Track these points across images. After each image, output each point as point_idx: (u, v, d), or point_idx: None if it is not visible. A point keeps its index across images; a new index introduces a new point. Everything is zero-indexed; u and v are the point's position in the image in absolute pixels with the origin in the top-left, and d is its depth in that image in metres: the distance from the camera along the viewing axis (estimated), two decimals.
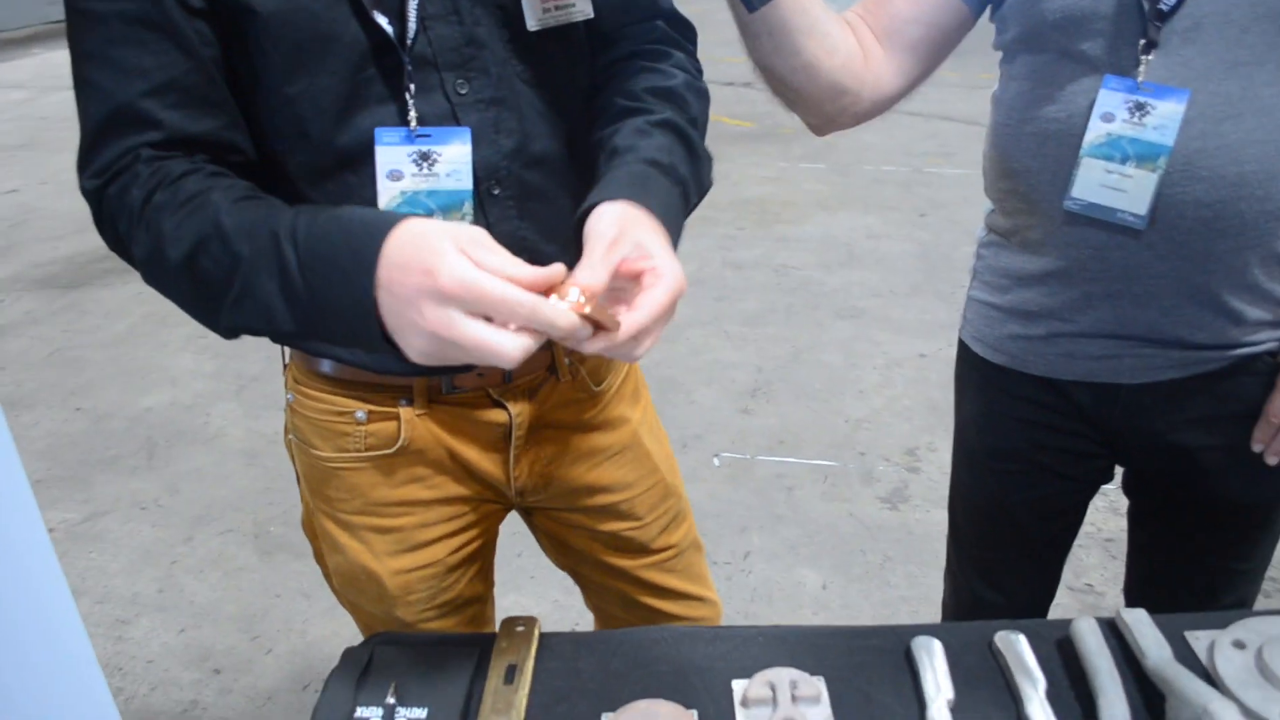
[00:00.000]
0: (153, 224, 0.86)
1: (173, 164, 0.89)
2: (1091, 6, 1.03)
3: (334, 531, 1.15)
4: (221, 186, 0.88)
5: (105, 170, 0.89)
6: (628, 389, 1.24)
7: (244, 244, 0.82)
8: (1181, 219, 1.02)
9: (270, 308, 0.82)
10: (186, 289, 0.88)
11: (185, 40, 0.88)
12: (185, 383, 3.58)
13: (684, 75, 1.06)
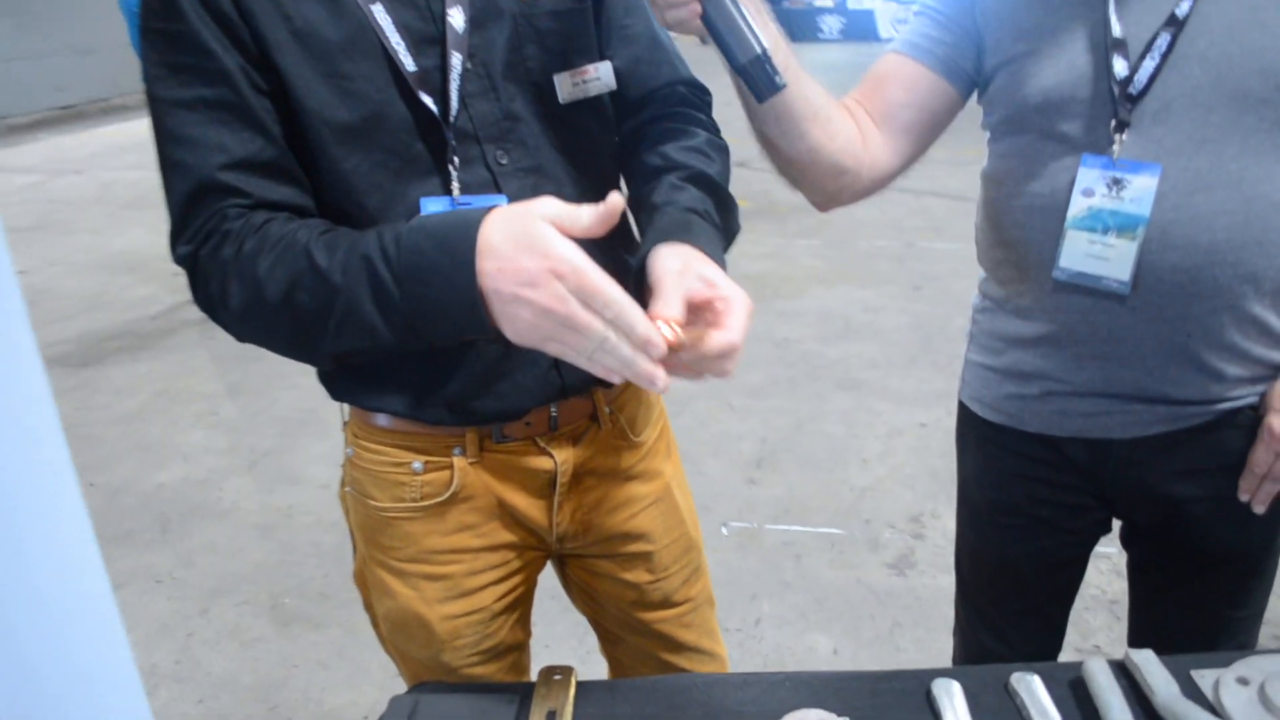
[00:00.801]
0: (247, 271, 0.94)
1: (255, 216, 0.97)
2: (1069, 91, 1.13)
3: (386, 579, 1.21)
4: (305, 226, 0.96)
5: (195, 235, 0.98)
6: (662, 444, 1.31)
7: (337, 273, 0.90)
8: (1161, 284, 1.11)
9: (371, 326, 0.90)
10: (287, 326, 0.95)
11: (258, 119, 0.98)
12: (198, 458, 3.64)
13: (705, 134, 1.16)
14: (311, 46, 0.98)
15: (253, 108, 0.97)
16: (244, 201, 0.98)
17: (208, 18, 0.95)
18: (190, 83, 0.96)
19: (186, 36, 0.96)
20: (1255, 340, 1.15)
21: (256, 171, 0.98)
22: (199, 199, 0.97)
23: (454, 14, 1.01)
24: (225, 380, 4.33)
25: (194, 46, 0.96)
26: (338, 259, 0.91)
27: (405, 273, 0.88)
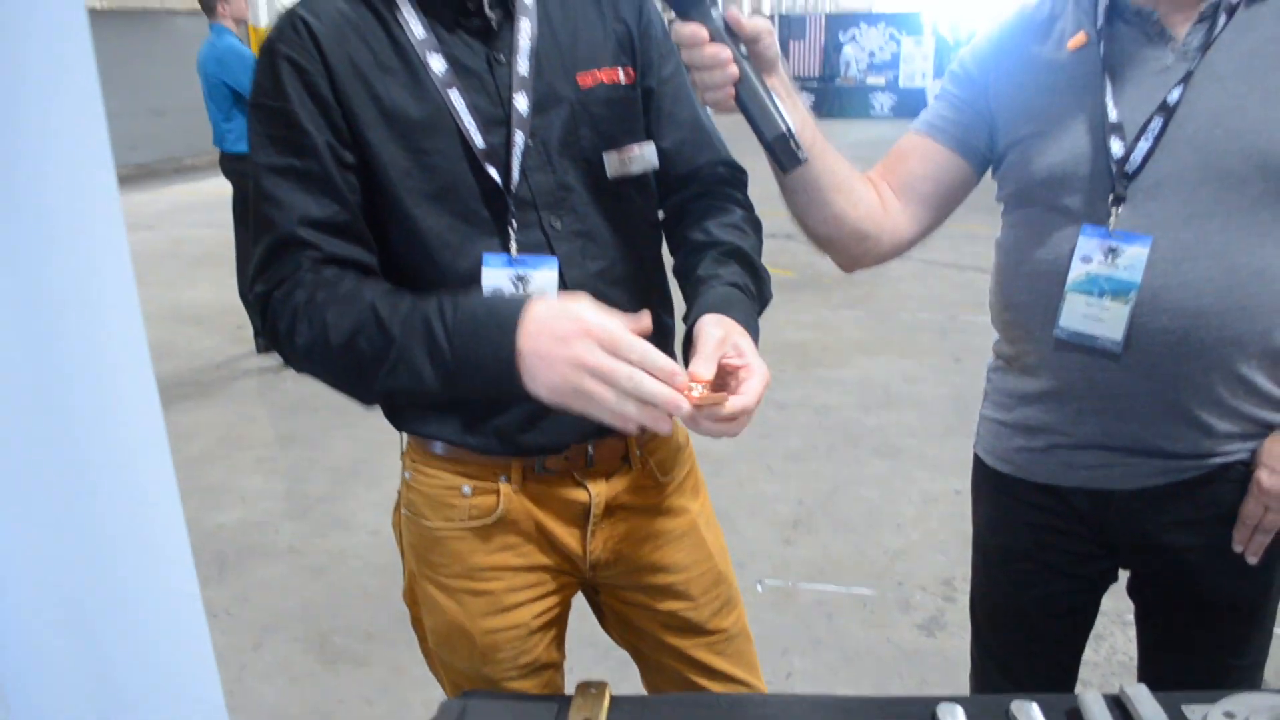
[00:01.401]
0: (316, 317, 1.11)
1: (327, 271, 1.14)
2: (1071, 168, 1.25)
3: (434, 594, 1.33)
4: (370, 284, 1.13)
5: (271, 279, 1.15)
6: (689, 484, 1.43)
7: (396, 326, 1.07)
8: (1152, 345, 1.21)
9: (420, 374, 1.06)
10: (343, 366, 1.12)
11: (338, 189, 1.15)
12: (255, 501, 3.80)
13: (742, 211, 1.31)
14: (397, 124, 1.15)
15: (334, 178, 1.15)
16: (316, 254, 1.14)
17: (308, 100, 1.13)
18: (285, 152, 1.15)
19: (287, 114, 1.14)
20: (1243, 399, 1.24)
21: (330, 231, 1.15)
22: (279, 249, 1.15)
23: (519, 99, 1.18)
24: (282, 429, 4.51)
25: (292, 123, 1.14)
26: (399, 316, 1.08)
27: (457, 331, 1.04)
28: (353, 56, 1.15)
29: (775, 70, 1.14)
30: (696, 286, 1.21)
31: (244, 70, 5.04)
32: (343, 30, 1.15)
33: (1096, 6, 1.28)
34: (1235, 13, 1.21)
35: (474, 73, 1.18)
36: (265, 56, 1.16)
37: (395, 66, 1.16)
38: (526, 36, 1.20)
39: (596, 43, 1.25)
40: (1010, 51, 1.34)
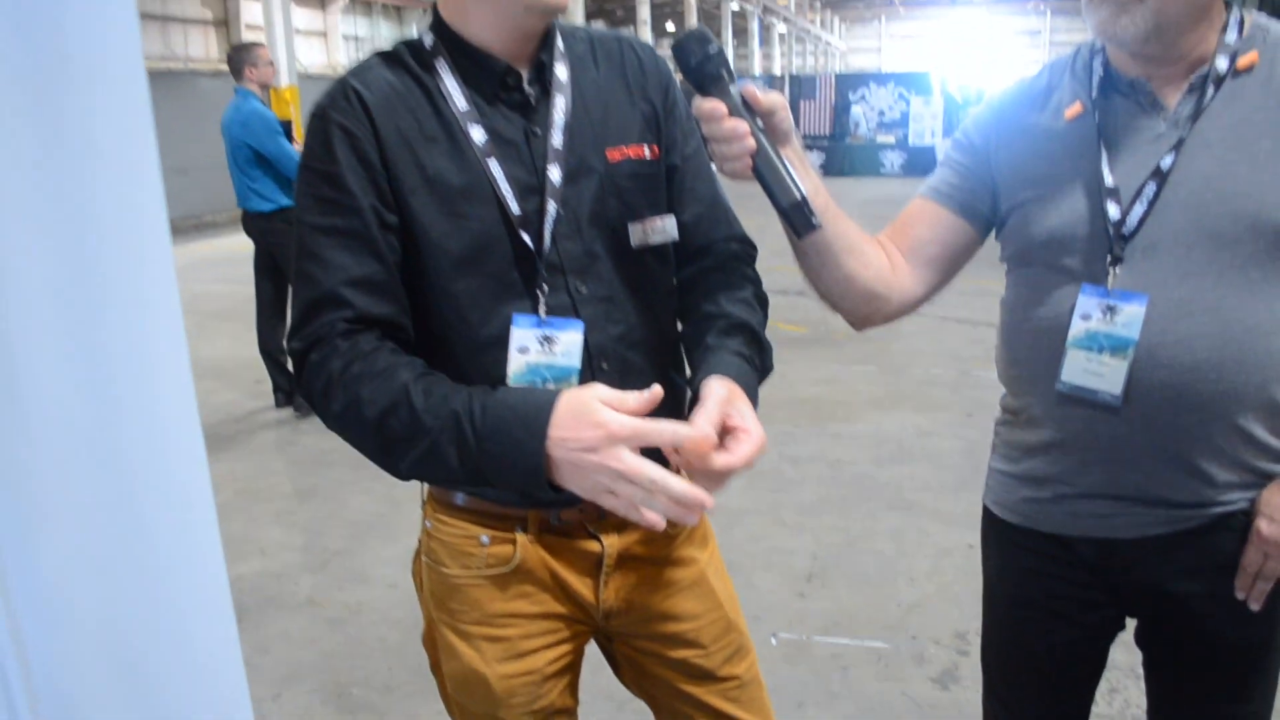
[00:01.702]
0: (350, 388, 1.17)
1: (363, 340, 1.21)
2: (1070, 231, 1.32)
3: (453, 640, 1.38)
4: (404, 363, 1.19)
5: (309, 337, 1.22)
6: (696, 535, 1.48)
7: (428, 416, 1.13)
8: (1151, 398, 1.27)
9: (448, 465, 1.13)
10: (374, 442, 1.18)
11: (378, 248, 1.23)
12: (274, 554, 3.85)
13: (752, 286, 1.39)
14: (439, 190, 1.23)
15: (376, 239, 1.22)
16: (350, 314, 1.21)
17: (356, 164, 1.21)
18: (329, 213, 1.22)
19: (335, 177, 1.22)
20: (1241, 449, 1.29)
21: (368, 290, 1.22)
22: (319, 305, 1.22)
23: (553, 170, 1.26)
24: (301, 483, 4.57)
25: (339, 186, 1.22)
26: (432, 404, 1.14)
27: (486, 434, 1.11)
28: (399, 125, 1.23)
29: (789, 141, 1.22)
30: (704, 353, 1.29)
31: (267, 133, 5.20)
32: (391, 100, 1.24)
33: (1092, 78, 1.36)
34: (1223, 84, 1.28)
35: (512, 144, 1.27)
36: (317, 122, 1.24)
37: (439, 135, 1.24)
38: (561, 112, 1.28)
39: (625, 121, 1.33)
40: (1011, 121, 1.41)
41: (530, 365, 1.27)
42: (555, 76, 1.30)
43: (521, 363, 1.26)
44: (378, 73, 1.27)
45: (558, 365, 1.27)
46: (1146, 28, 1.23)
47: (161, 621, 0.94)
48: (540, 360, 1.27)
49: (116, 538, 1.15)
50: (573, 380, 1.28)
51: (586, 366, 1.28)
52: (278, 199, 5.30)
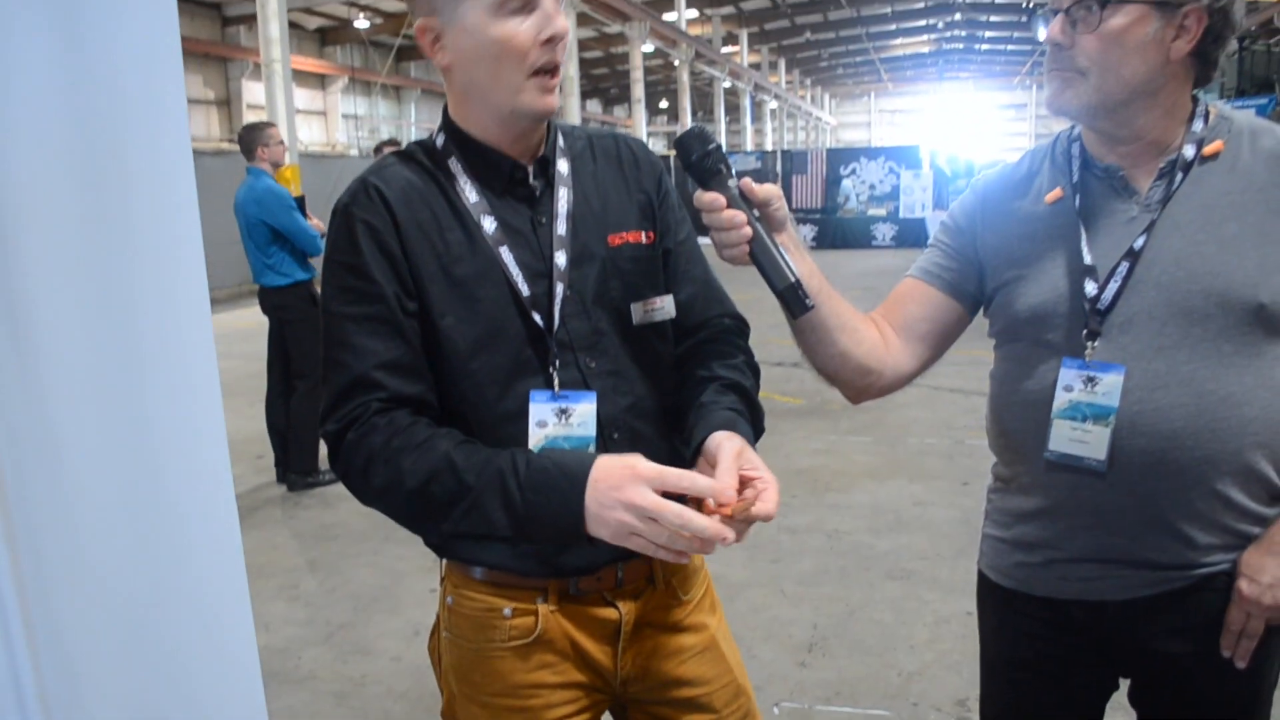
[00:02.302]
0: (393, 462, 1.25)
1: (399, 416, 1.29)
2: (1052, 307, 1.41)
3: (476, 713, 1.43)
4: (442, 434, 1.28)
5: (344, 418, 1.29)
6: (706, 602, 1.54)
7: (472, 476, 1.22)
8: (1133, 464, 1.34)
9: (493, 521, 1.22)
10: (417, 508, 1.27)
11: (403, 332, 1.32)
12: (278, 628, 3.86)
13: (743, 356, 1.49)
14: (455, 277, 1.33)
15: (401, 324, 1.32)
16: (384, 395, 1.30)
17: (379, 255, 1.31)
18: (357, 302, 1.32)
19: (360, 268, 1.31)
20: (1221, 513, 1.36)
21: (397, 372, 1.31)
22: (352, 390, 1.30)
23: (559, 256, 1.36)
24: (304, 556, 4.60)
25: (364, 275, 1.31)
26: (474, 464, 1.23)
27: (529, 485, 1.21)
28: (417, 217, 1.33)
29: (785, 228, 1.31)
30: (700, 410, 1.37)
31: (282, 209, 5.32)
32: (409, 195, 1.34)
33: (1070, 165, 1.46)
34: (1190, 170, 1.38)
35: (520, 232, 1.37)
36: (340, 218, 1.34)
37: (453, 226, 1.34)
38: (564, 202, 1.39)
39: (623, 209, 1.44)
40: (995, 205, 1.51)
41: (549, 438, 1.35)
42: (557, 170, 1.41)
43: (540, 436, 1.34)
44: (395, 170, 1.37)
45: (574, 436, 1.35)
46: (1090, 102, 1.35)
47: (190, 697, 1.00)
48: (558, 433, 1.35)
49: (150, 622, 1.21)
50: (590, 449, 1.36)
51: (599, 436, 1.36)
52: (294, 273, 5.41)
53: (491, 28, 1.27)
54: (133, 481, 1.29)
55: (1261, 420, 1.33)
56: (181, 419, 1.36)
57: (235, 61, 25.72)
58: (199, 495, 1.39)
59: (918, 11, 39.51)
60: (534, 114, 1.33)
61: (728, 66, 32.36)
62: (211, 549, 1.37)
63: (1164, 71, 1.34)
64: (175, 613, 1.32)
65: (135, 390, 1.29)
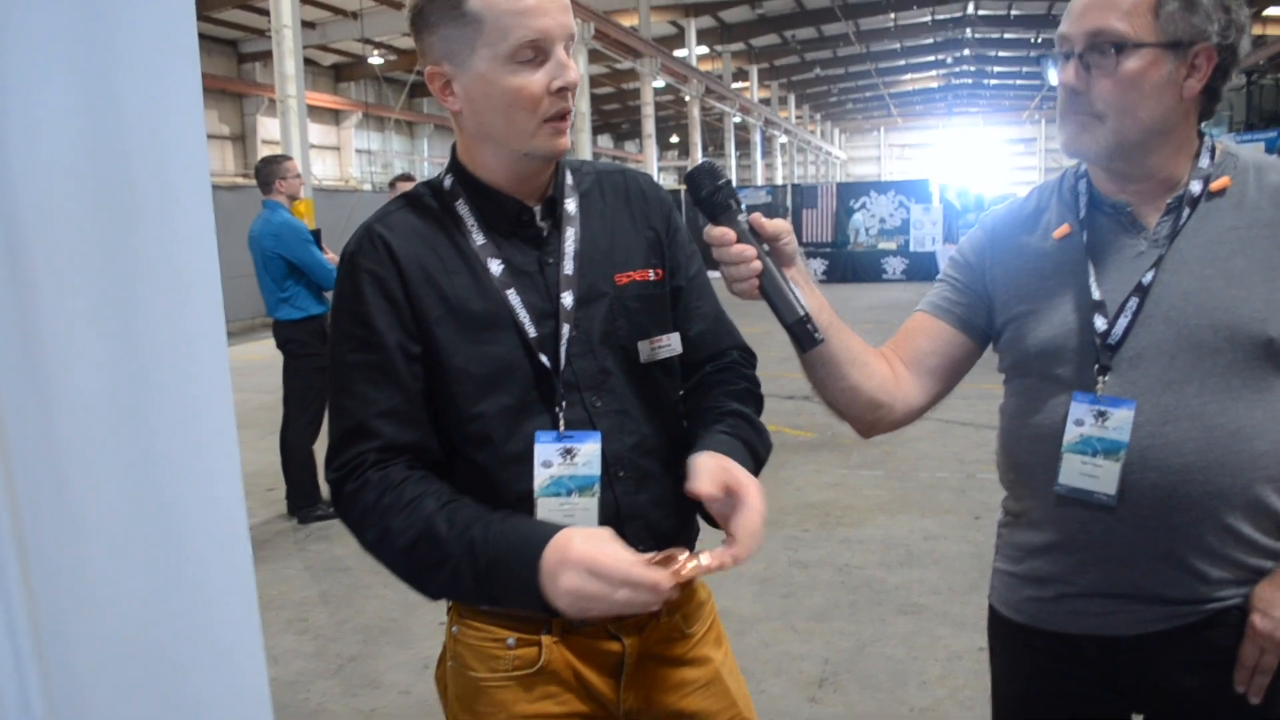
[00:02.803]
0: (382, 520, 1.28)
1: (394, 471, 1.31)
2: (1062, 342, 1.41)
3: None
4: (431, 492, 1.30)
5: (343, 467, 1.33)
6: (710, 636, 1.54)
7: (451, 544, 1.25)
8: (1143, 498, 1.34)
9: (466, 590, 1.27)
10: (405, 568, 1.31)
11: (402, 380, 1.34)
12: (287, 661, 3.85)
13: (746, 384, 1.51)
14: (462, 319, 1.35)
15: (400, 372, 1.34)
16: (380, 444, 1.32)
17: (382, 302, 1.34)
18: (359, 349, 1.35)
19: (363, 316, 1.34)
20: (1232, 547, 1.36)
21: (395, 420, 1.34)
22: (351, 436, 1.34)
23: (566, 296, 1.38)
24: (316, 589, 4.59)
25: (367, 324, 1.34)
26: (454, 533, 1.26)
27: (493, 564, 1.23)
28: (422, 261, 1.36)
29: (794, 263, 1.32)
30: (701, 437, 1.39)
31: (299, 243, 5.35)
32: (413, 239, 1.37)
33: (1078, 201, 1.47)
34: (1197, 205, 1.39)
35: (527, 273, 1.39)
36: (345, 266, 1.38)
37: (460, 269, 1.36)
38: (571, 242, 1.41)
39: (630, 247, 1.46)
40: (1004, 241, 1.52)
41: (554, 478, 1.36)
42: (565, 210, 1.43)
43: (546, 476, 1.36)
44: (400, 216, 1.40)
45: (579, 475, 1.36)
46: (1108, 145, 1.36)
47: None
48: (563, 472, 1.36)
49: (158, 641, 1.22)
50: (595, 489, 1.36)
51: (604, 475, 1.37)
52: (308, 308, 5.42)
53: (504, 78, 1.29)
54: (146, 515, 1.30)
55: (1271, 454, 1.34)
56: (196, 453, 1.37)
57: (251, 97, 26.05)
58: (212, 528, 1.40)
59: (926, 47, 39.80)
60: (546, 156, 1.36)
61: (738, 102, 32.61)
62: (224, 582, 1.38)
63: (1178, 110, 1.36)
64: (187, 645, 1.33)
65: (150, 424, 1.31)
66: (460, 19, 1.28)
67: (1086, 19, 1.34)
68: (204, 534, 1.38)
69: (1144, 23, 1.32)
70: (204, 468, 1.39)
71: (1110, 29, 1.32)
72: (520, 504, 1.35)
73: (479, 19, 1.27)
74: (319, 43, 25.03)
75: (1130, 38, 1.31)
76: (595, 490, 1.36)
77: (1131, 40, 1.31)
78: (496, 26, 1.27)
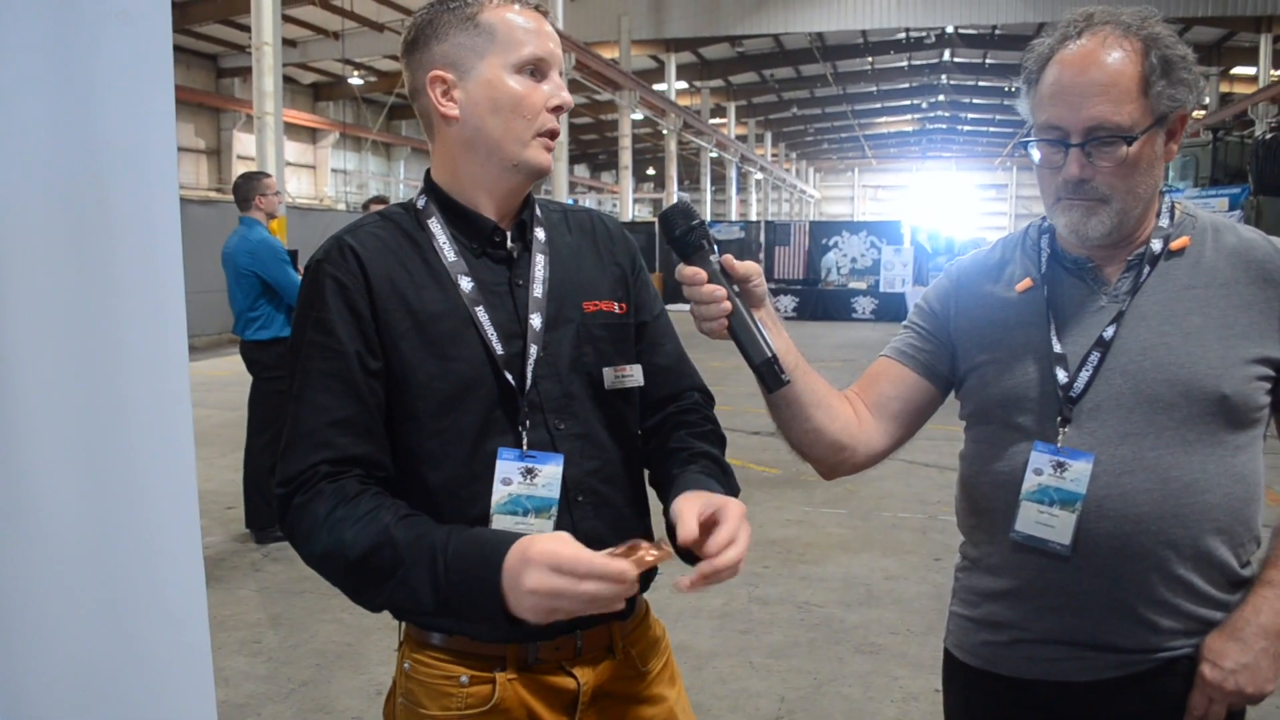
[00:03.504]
0: (334, 531, 1.26)
1: (348, 484, 1.30)
2: (1023, 392, 1.44)
3: None
4: (388, 506, 1.28)
5: (290, 481, 1.30)
6: (666, 674, 1.54)
7: (407, 552, 1.23)
8: (1098, 548, 1.36)
9: (420, 598, 1.23)
10: (354, 579, 1.27)
11: (360, 391, 1.33)
12: (238, 683, 3.80)
13: (711, 426, 1.53)
14: (428, 334, 1.35)
15: (358, 382, 1.33)
16: (331, 455, 1.31)
17: (345, 312, 1.34)
18: (318, 357, 1.34)
19: (325, 323, 1.34)
20: (1183, 598, 1.38)
21: (349, 430, 1.32)
22: (300, 445, 1.32)
23: (534, 318, 1.39)
24: (269, 611, 4.53)
25: (328, 331, 1.33)
26: (411, 540, 1.24)
27: (456, 567, 1.21)
28: (391, 275, 1.36)
29: (763, 304, 1.35)
30: (671, 483, 1.40)
31: (275, 262, 5.28)
32: (383, 253, 1.37)
33: (1040, 255, 1.50)
34: (1156, 263, 1.42)
35: (496, 293, 1.40)
36: (311, 274, 1.37)
37: (429, 284, 1.37)
38: (540, 267, 1.43)
39: (596, 279, 1.48)
40: (969, 290, 1.55)
41: (512, 496, 1.36)
42: (534, 236, 1.45)
43: (504, 493, 1.36)
44: (371, 229, 1.41)
45: (538, 496, 1.36)
46: (1113, 225, 1.39)
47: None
48: (522, 491, 1.36)
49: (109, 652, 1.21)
50: (552, 511, 1.36)
51: (563, 499, 1.37)
52: (277, 329, 5.32)
53: (511, 83, 1.36)
54: (100, 531, 1.29)
55: (1222, 507, 1.36)
56: (154, 471, 1.36)
57: (228, 112, 25.97)
58: (167, 547, 1.39)
59: (902, 91, 40.44)
60: (534, 169, 1.39)
61: (715, 137, 32.90)
62: (176, 601, 1.37)
63: (1161, 176, 1.42)
64: (136, 664, 1.31)
65: (107, 442, 1.30)
66: (474, 29, 1.35)
67: (1084, 112, 1.34)
68: (158, 552, 1.37)
69: (1137, 108, 1.34)
70: (161, 485, 1.37)
71: (1110, 121, 1.33)
72: (475, 525, 1.34)
73: (492, 31, 1.35)
74: (299, 61, 25.05)
75: (1132, 130, 1.34)
76: (552, 513, 1.37)
77: (1135, 132, 1.34)
78: (509, 39, 1.35)
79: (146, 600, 1.33)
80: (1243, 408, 1.37)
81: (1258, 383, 1.37)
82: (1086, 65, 1.35)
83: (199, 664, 1.35)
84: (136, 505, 1.33)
